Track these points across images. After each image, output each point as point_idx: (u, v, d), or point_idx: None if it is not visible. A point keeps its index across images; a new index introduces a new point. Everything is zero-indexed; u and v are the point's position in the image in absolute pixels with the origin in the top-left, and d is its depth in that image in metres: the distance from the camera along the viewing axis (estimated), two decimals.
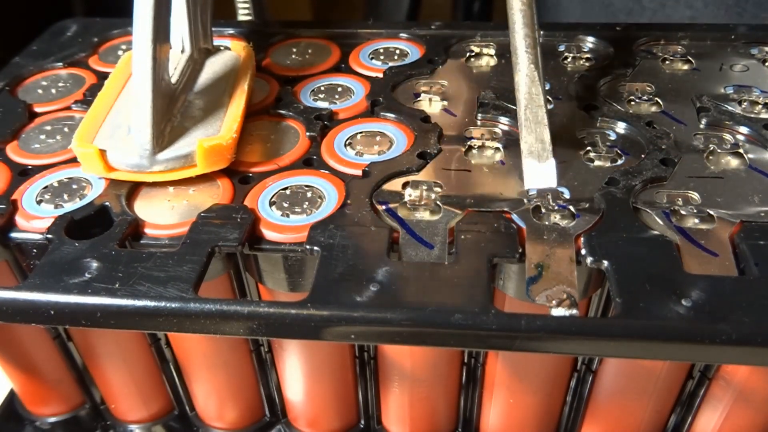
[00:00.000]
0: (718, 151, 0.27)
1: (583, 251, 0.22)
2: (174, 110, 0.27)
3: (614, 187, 0.25)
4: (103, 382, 0.32)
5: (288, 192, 0.25)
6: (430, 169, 0.26)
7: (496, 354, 0.28)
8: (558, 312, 0.20)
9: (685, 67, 0.33)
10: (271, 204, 0.25)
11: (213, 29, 0.33)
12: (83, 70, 0.34)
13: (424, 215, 0.24)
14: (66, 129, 0.30)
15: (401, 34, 0.36)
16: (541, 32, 0.36)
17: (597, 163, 0.26)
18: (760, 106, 0.29)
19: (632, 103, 0.30)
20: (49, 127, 0.30)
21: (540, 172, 0.25)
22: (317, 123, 0.29)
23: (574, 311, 0.20)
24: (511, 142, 0.28)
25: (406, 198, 0.25)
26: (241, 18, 0.48)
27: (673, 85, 0.31)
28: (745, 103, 0.29)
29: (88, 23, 0.39)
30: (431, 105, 0.31)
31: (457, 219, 0.24)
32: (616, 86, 0.31)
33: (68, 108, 0.32)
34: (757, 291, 0.20)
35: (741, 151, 0.27)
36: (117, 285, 0.21)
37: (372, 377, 0.30)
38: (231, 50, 0.32)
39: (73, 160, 0.27)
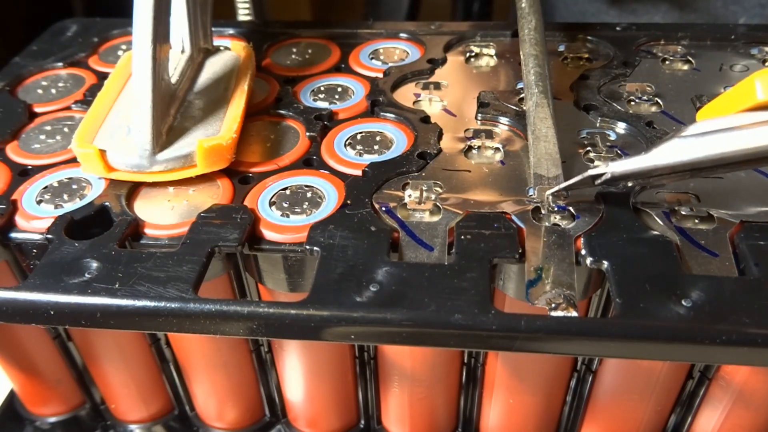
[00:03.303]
0: None
1: (583, 252, 0.22)
2: (174, 110, 0.27)
3: (614, 188, 0.25)
4: (103, 382, 0.32)
5: (288, 192, 0.25)
6: (430, 170, 0.26)
7: (496, 354, 0.28)
8: (557, 315, 0.20)
9: (685, 67, 0.33)
10: (271, 204, 0.25)
11: (213, 29, 0.33)
12: (83, 70, 0.35)
13: (423, 216, 0.24)
14: (66, 129, 0.30)
15: (401, 34, 0.36)
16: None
17: (597, 163, 0.26)
18: None
19: (632, 103, 0.30)
20: (49, 127, 0.30)
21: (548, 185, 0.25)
22: (317, 123, 0.29)
23: (573, 314, 0.20)
24: (511, 143, 0.28)
25: (406, 199, 0.25)
26: (241, 18, 0.48)
27: (673, 85, 0.31)
28: None
29: (88, 23, 0.39)
30: (431, 105, 0.31)
31: (456, 219, 0.24)
32: (616, 86, 0.31)
33: (68, 108, 0.32)
34: (757, 291, 0.20)
35: None
36: (117, 285, 0.21)
37: (372, 377, 0.30)
38: (231, 50, 0.32)
39: (73, 160, 0.27)
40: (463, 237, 0.23)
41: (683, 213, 0.24)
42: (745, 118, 0.21)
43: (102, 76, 0.33)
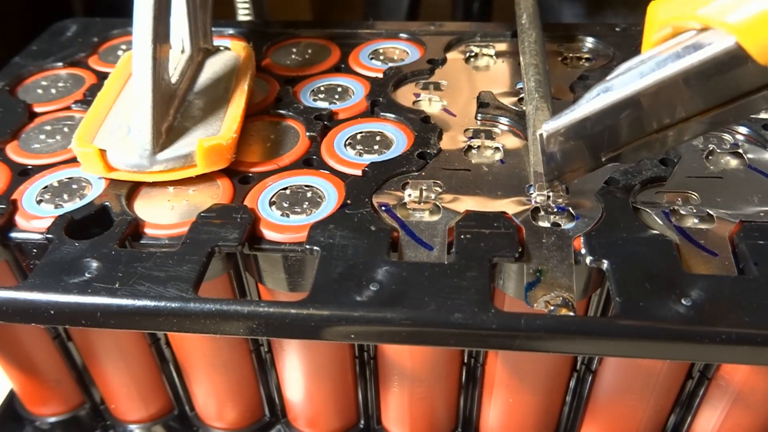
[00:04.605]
0: (718, 151, 0.27)
1: (582, 251, 0.22)
2: (174, 110, 0.27)
3: (614, 187, 0.25)
4: (103, 382, 0.32)
5: (288, 192, 0.25)
6: (429, 169, 0.26)
7: (496, 354, 0.28)
8: None
9: None
10: (271, 204, 0.25)
11: (213, 29, 0.33)
12: (83, 70, 0.35)
13: (423, 216, 0.24)
14: (66, 129, 0.30)
15: (401, 34, 0.36)
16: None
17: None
18: None
19: None
20: (49, 127, 0.30)
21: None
22: (317, 123, 0.29)
23: (572, 315, 0.20)
24: (511, 142, 0.28)
25: (406, 198, 0.25)
26: (241, 18, 0.48)
27: None
28: None
29: (88, 23, 0.39)
30: (431, 105, 0.31)
31: (456, 219, 0.24)
32: None
33: (68, 108, 0.32)
34: (757, 291, 0.20)
35: (740, 151, 0.27)
36: (117, 285, 0.21)
37: (372, 377, 0.30)
38: (231, 50, 0.32)
39: (73, 160, 0.27)
40: (462, 236, 0.23)
41: (683, 212, 0.24)
42: (659, 48, 0.20)
43: (102, 76, 0.33)
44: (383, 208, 0.24)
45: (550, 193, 0.24)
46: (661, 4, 0.20)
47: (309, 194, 0.25)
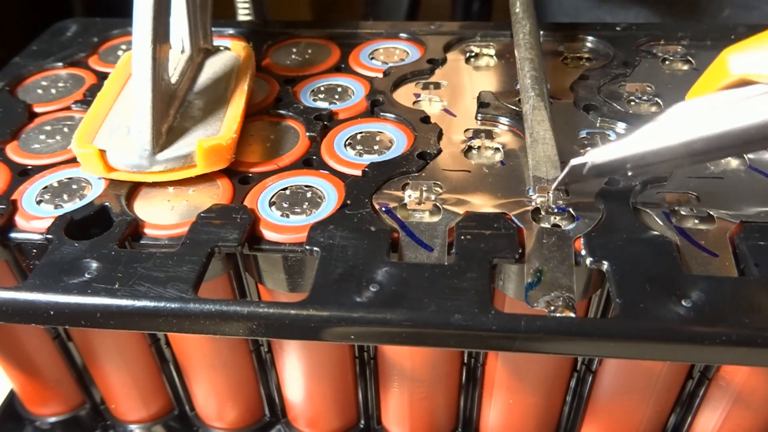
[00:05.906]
0: None
1: (583, 252, 0.22)
2: (174, 110, 0.27)
3: (614, 188, 0.25)
4: (103, 382, 0.32)
5: (288, 192, 0.25)
6: (430, 170, 0.26)
7: (496, 354, 0.28)
8: None
9: (685, 67, 0.33)
10: (271, 204, 0.25)
11: (213, 29, 0.33)
12: (83, 70, 0.35)
13: (423, 217, 0.24)
14: (66, 129, 0.30)
15: (401, 34, 0.36)
16: (541, 32, 0.36)
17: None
18: None
19: (632, 103, 0.30)
20: (48, 127, 0.30)
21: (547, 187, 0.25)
22: (317, 123, 0.29)
23: (572, 316, 0.20)
24: (511, 143, 0.28)
25: (406, 199, 0.25)
26: (241, 18, 0.48)
27: (673, 85, 0.31)
28: None
29: (88, 23, 0.39)
30: (431, 105, 0.31)
31: (456, 220, 0.24)
32: (616, 86, 0.31)
33: (68, 108, 0.32)
34: (757, 292, 0.20)
35: None
36: (117, 285, 0.21)
37: (372, 377, 0.30)
38: (231, 50, 0.32)
39: (73, 160, 0.27)
40: (462, 237, 0.23)
41: (683, 213, 0.24)
42: (727, 96, 0.20)
43: (102, 76, 0.33)
44: (383, 208, 0.24)
45: (551, 194, 0.24)
46: (736, 56, 0.20)
47: (309, 194, 0.25)
